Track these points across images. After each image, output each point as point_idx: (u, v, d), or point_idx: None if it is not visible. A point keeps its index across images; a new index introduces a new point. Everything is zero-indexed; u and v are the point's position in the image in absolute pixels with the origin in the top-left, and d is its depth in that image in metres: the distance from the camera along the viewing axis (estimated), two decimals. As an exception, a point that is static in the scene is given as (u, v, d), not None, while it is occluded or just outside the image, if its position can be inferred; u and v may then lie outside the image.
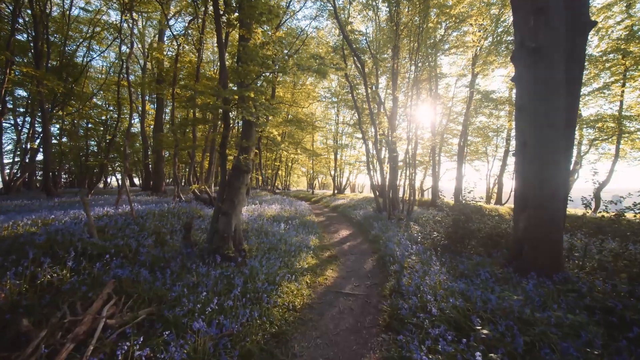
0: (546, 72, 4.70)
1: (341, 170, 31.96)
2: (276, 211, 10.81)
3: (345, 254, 6.96)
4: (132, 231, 5.26)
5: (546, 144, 4.67)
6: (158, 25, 19.53)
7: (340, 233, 9.84)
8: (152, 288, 3.40)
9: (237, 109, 3.68)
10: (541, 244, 4.60)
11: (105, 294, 3.07)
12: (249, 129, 5.03)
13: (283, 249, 5.72)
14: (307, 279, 4.71)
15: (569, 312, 3.05)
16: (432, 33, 12.52)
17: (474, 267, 4.82)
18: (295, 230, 8.10)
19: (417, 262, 5.21)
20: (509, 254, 5.38)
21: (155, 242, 5.06)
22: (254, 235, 6.46)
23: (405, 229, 8.82)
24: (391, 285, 4.45)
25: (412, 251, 5.89)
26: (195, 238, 5.45)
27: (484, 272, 4.33)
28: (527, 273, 4.53)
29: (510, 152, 21.08)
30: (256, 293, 3.58)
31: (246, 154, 4.95)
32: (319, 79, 24.63)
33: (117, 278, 3.48)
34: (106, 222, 5.61)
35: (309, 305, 3.95)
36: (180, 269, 4.11)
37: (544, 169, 4.68)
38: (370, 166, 14.99)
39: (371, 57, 14.30)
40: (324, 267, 5.56)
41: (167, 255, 4.42)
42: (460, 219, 6.27)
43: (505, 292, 3.50)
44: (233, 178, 4.98)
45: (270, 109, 3.88)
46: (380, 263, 6.14)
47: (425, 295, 3.54)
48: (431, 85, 17.96)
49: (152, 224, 5.87)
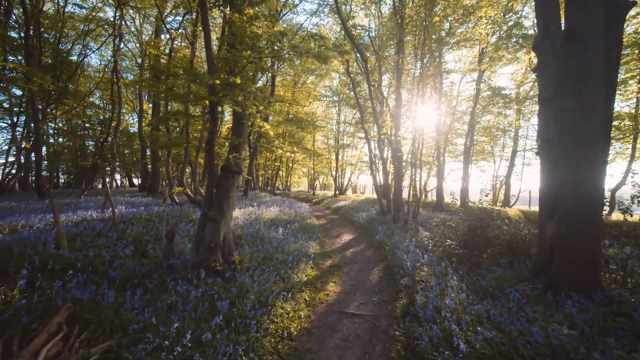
0: (581, 58, 4.08)
1: (342, 171, 31.34)
2: (275, 214, 10.21)
3: (348, 263, 6.35)
4: (108, 240, 4.67)
5: (581, 141, 4.04)
6: (155, 22, 19.02)
7: (342, 238, 9.23)
8: (117, 313, 2.81)
9: (223, 100, 3.13)
10: (575, 255, 3.97)
11: (55, 323, 2.48)
12: (239, 125, 4.44)
13: (280, 259, 5.12)
14: (306, 296, 4.10)
15: (632, 349, 2.45)
16: (439, 27, 11.91)
17: (497, 282, 4.21)
18: (294, 235, 7.50)
19: (430, 274, 4.60)
20: (534, 265, 4.76)
21: (134, 253, 4.47)
22: (247, 244, 5.87)
23: (412, 234, 8.20)
24: (403, 305, 3.85)
25: (423, 261, 5.28)
26: (181, 247, 4.86)
27: (512, 290, 3.72)
28: (559, 290, 3.92)
29: (517, 152, 20.43)
30: (244, 319, 2.98)
31: (237, 152, 4.37)
32: (319, 78, 24.02)
33: (78, 301, 2.90)
34: (82, 228, 5.03)
35: (307, 330, 3.35)
36: (157, 286, 3.51)
37: (578, 170, 4.05)
38: (374, 167, 14.40)
39: (374, 53, 13.71)
40: (325, 280, 4.96)
41: (143, 269, 3.83)
42: (478, 225, 5.66)
43: (550, 321, 2.88)
44: (222, 180, 4.39)
45: (260, 99, 3.30)
46: (387, 274, 5.53)
47: (448, 322, 2.93)
48: (436, 83, 17.36)
49: (134, 231, 5.28)
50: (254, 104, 3.19)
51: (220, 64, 3.90)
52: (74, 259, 3.68)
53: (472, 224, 5.90)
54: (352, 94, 20.19)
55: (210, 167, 4.23)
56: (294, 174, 40.28)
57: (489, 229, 5.70)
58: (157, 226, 6.14)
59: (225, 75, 3.04)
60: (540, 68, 5.10)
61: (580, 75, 4.09)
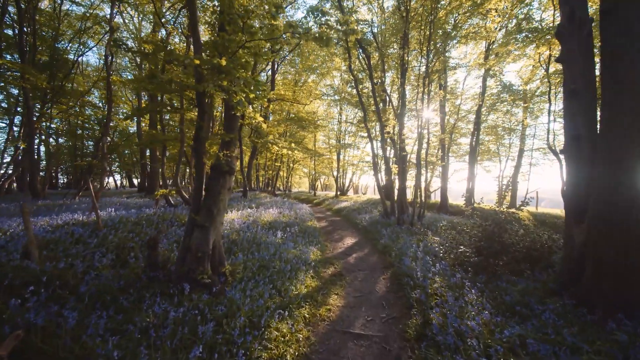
0: (621, 41, 3.57)
1: (344, 171, 30.83)
2: (274, 216, 9.74)
3: (351, 270, 5.87)
4: (86, 247, 4.20)
5: (620, 137, 3.53)
6: (153, 20, 18.62)
7: (344, 241, 8.75)
8: (78, 341, 2.34)
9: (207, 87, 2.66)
10: (612, 267, 3.47)
11: (-5, 358, 2.01)
12: (231, 119, 3.98)
13: (277, 268, 4.64)
14: (306, 312, 3.62)
15: None
16: (444, 21, 11.40)
17: (522, 296, 3.71)
18: (294, 240, 7.02)
19: (444, 286, 4.11)
20: (560, 276, 4.26)
21: (114, 262, 4.00)
22: (242, 250, 5.39)
23: (420, 238, 7.71)
24: (416, 324, 3.35)
25: (435, 270, 4.78)
26: (168, 255, 4.39)
27: (544, 308, 3.23)
28: (593, 306, 3.43)
29: (524, 152, 19.85)
30: (230, 346, 2.50)
31: (228, 149, 3.90)
32: (321, 77, 23.55)
33: (32, 326, 2.43)
34: (59, 234, 4.56)
35: (306, 356, 2.86)
36: (133, 303, 3.04)
37: (616, 170, 3.55)
38: (377, 167, 13.90)
39: (377, 49, 13.23)
40: (327, 291, 4.47)
41: (120, 282, 3.36)
42: (494, 231, 5.16)
43: (598, 350, 2.39)
44: (212, 181, 3.92)
45: (251, 84, 2.81)
46: (395, 284, 5.04)
47: (474, 351, 2.44)
48: (440, 80, 16.85)
49: (117, 236, 4.81)
50: (244, 90, 2.71)
51: (209, 50, 3.43)
52: (40, 272, 3.21)
53: (487, 229, 5.39)
54: (354, 92, 19.72)
55: (199, 167, 3.75)
56: (295, 175, 39.82)
57: (506, 235, 5.20)
58: (145, 230, 5.68)
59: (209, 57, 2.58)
60: (566, 57, 4.62)
61: (620, 60, 3.57)
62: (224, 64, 2.51)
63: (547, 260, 5.12)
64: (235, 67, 2.65)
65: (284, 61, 21.10)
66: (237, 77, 2.72)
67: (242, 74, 2.78)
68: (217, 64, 2.56)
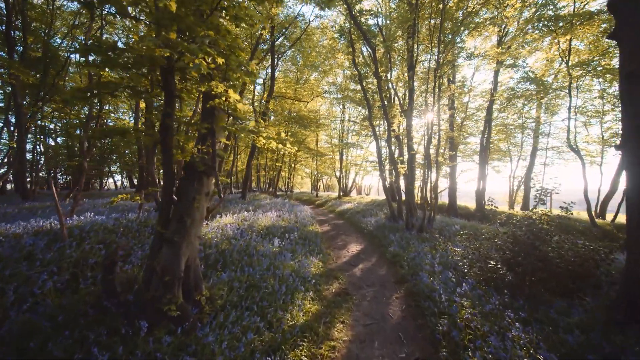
0: None
1: (347, 172, 29.93)
2: (272, 220, 8.92)
3: (359, 286, 5.03)
4: (32, 266, 3.40)
5: None
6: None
7: (349, 248, 7.91)
8: None
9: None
10: None
11: None
12: (211, 108, 3.17)
13: (269, 290, 3.82)
14: (303, 354, 2.79)
15: None
16: (457, 9, 10.52)
17: (581, 331, 2.87)
18: (292, 249, 6.20)
19: (477, 315, 3.27)
20: (621, 301, 3.40)
21: (65, 286, 3.20)
22: (230, 264, 4.57)
23: (433, 245, 6.87)
24: (451, 376, 2.53)
25: (460, 291, 3.94)
26: (137, 274, 3.59)
27: (611, 348, 2.38)
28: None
29: (537, 151, 18.84)
30: None
31: (204, 144, 3.11)
32: (323, 75, 22.70)
33: None
34: (4, 247, 3.75)
35: None
36: (66, 351, 2.24)
37: None
38: (382, 167, 13.05)
39: (382, 42, 12.39)
40: (330, 319, 3.64)
41: (60, 317, 2.56)
42: (530, 242, 4.29)
43: None
44: (185, 183, 3.11)
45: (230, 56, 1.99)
46: (412, 306, 4.19)
47: None
48: (449, 76, 15.98)
49: (78, 251, 4.02)
50: (206, 51, 1.89)
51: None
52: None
53: (520, 239, 4.53)
54: (358, 89, 18.87)
55: (167, 166, 2.95)
56: (297, 175, 38.99)
57: (545, 246, 4.33)
58: (119, 241, 4.88)
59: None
60: (622, 33, 3.79)
61: None
62: (192, 19, 1.69)
63: (596, 281, 4.25)
64: (195, 22, 1.82)
65: (285, 57, 20.33)
66: (200, 35, 1.92)
67: (207, 32, 1.97)
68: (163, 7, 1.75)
